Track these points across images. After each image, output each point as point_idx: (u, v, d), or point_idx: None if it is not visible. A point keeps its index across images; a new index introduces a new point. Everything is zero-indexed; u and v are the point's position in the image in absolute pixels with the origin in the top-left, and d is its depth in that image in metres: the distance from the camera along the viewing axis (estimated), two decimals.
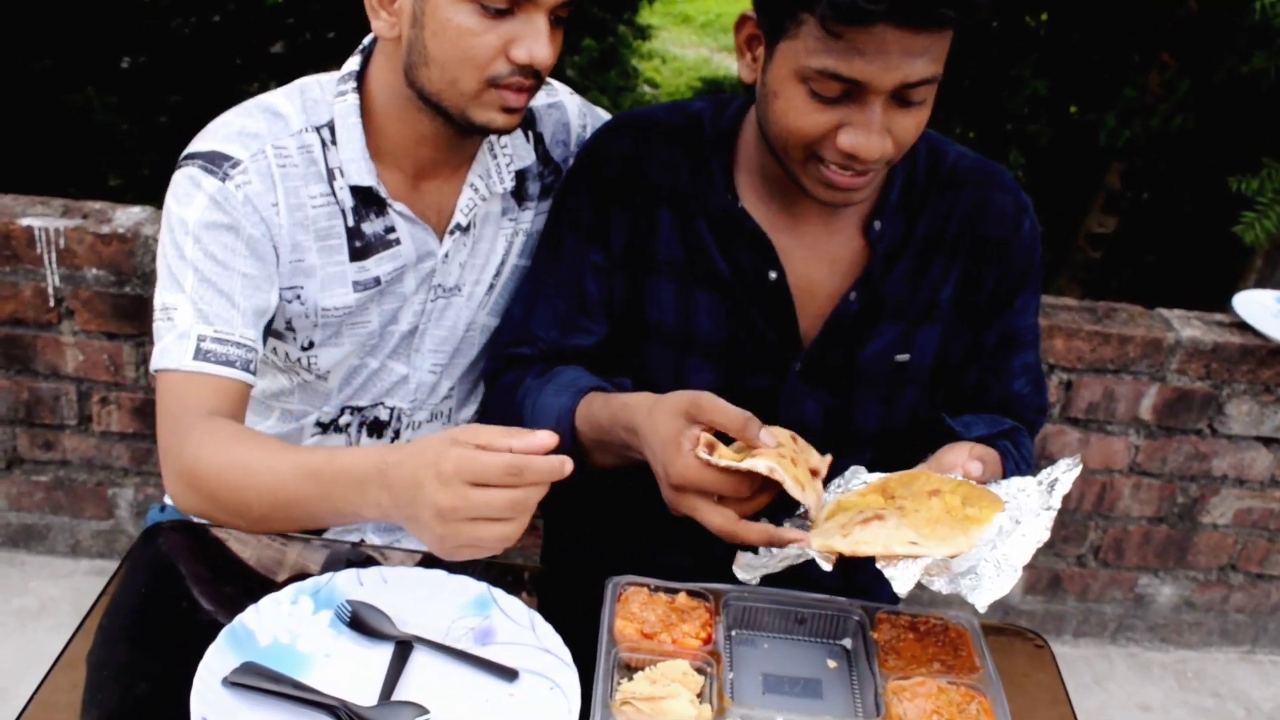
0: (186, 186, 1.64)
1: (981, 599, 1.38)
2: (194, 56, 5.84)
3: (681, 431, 1.47)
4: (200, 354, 1.59)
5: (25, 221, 2.86)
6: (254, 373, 1.64)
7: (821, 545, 1.44)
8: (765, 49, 1.54)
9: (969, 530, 1.40)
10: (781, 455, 1.45)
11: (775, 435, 1.49)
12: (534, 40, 1.57)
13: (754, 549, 1.50)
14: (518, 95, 1.62)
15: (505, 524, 1.32)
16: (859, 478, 1.57)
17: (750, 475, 1.44)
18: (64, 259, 2.89)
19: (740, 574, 1.50)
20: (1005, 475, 1.63)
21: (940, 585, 1.41)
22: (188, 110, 4.02)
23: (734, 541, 1.47)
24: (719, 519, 1.46)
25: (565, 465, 1.32)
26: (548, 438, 1.32)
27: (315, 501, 1.46)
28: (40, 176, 4.67)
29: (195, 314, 1.61)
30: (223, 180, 1.63)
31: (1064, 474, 1.47)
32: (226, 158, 1.64)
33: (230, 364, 1.60)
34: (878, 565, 1.40)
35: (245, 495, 1.51)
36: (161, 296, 1.64)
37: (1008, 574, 1.39)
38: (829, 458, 1.53)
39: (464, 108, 1.62)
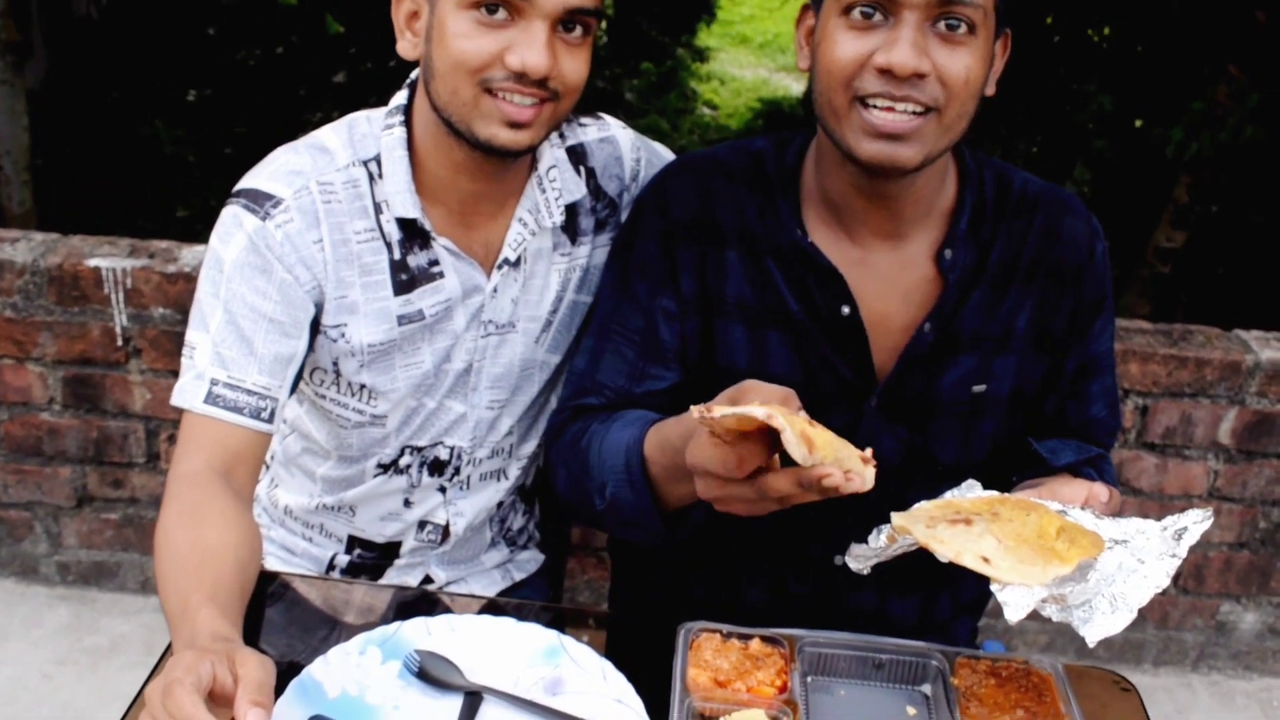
0: (229, 225, 1.67)
1: (1092, 633, 1.35)
2: (258, 88, 5.92)
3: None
4: (211, 398, 1.62)
5: (93, 262, 2.90)
6: (268, 420, 1.65)
7: (900, 524, 1.39)
8: (814, 15, 1.59)
9: (1048, 564, 1.35)
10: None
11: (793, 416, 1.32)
12: (528, 47, 1.56)
13: (864, 539, 1.44)
14: (517, 108, 1.60)
15: None
16: (974, 491, 1.54)
17: (755, 436, 1.30)
18: (131, 299, 2.92)
19: (852, 563, 1.45)
20: None
21: (1051, 612, 1.37)
22: (253, 141, 4.07)
23: (766, 497, 1.32)
24: (750, 491, 1.32)
25: None
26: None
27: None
28: (111, 208, 4.75)
29: (213, 356, 1.63)
30: (263, 220, 1.65)
31: (1194, 524, 1.43)
32: (269, 197, 1.66)
33: (238, 410, 1.62)
34: (991, 588, 1.35)
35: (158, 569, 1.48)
36: (190, 333, 1.67)
37: (1122, 613, 1.35)
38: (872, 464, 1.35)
39: (467, 120, 1.62)
